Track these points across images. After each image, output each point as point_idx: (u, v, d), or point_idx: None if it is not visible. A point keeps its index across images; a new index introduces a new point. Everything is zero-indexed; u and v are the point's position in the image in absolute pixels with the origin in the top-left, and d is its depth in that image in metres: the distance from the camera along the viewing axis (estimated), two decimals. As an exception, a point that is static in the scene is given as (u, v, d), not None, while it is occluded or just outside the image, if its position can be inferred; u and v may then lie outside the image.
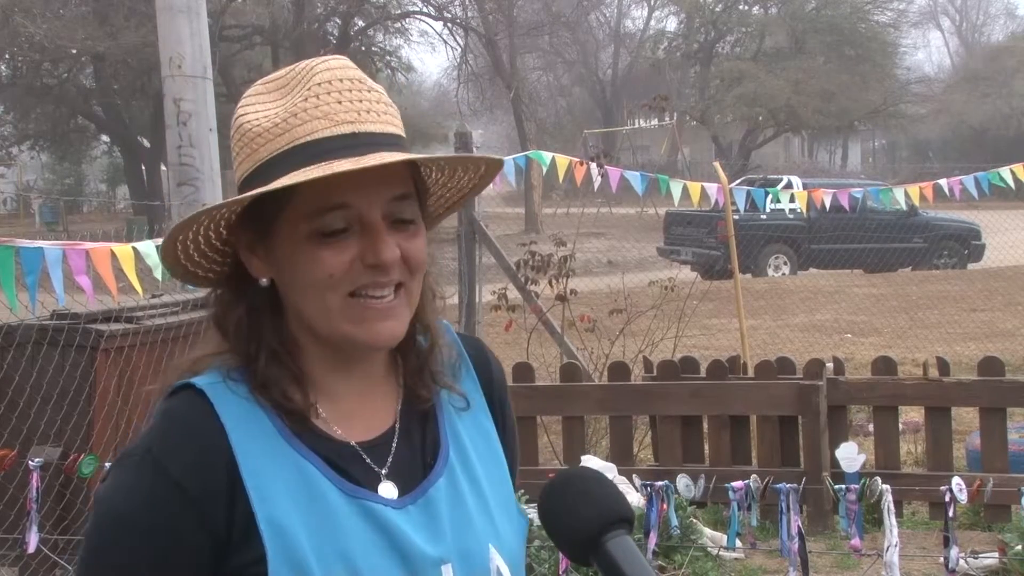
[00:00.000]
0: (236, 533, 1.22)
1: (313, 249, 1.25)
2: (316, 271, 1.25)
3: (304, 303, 1.28)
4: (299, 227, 1.26)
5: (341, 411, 1.32)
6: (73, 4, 27.17)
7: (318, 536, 1.23)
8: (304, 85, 1.27)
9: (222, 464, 1.23)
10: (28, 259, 4.43)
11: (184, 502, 1.21)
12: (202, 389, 1.27)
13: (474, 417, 1.43)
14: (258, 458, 1.24)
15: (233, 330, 1.31)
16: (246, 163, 1.28)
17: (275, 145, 1.26)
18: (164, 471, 1.22)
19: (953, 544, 3.83)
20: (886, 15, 41.94)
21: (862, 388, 6.23)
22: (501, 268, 8.43)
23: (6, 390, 5.16)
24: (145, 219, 20.24)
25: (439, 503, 1.32)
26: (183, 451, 1.23)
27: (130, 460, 1.25)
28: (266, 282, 1.30)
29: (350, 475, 1.28)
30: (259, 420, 1.27)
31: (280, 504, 1.23)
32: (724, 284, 11.60)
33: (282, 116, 1.26)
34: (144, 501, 1.22)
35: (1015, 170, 8.86)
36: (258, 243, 1.30)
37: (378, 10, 30.49)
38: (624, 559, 1.16)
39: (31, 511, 4.33)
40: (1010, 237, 16.92)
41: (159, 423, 1.27)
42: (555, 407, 6.58)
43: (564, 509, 1.21)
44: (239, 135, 1.30)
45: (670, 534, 4.52)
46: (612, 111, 44.61)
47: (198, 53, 6.48)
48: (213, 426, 1.25)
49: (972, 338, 11.94)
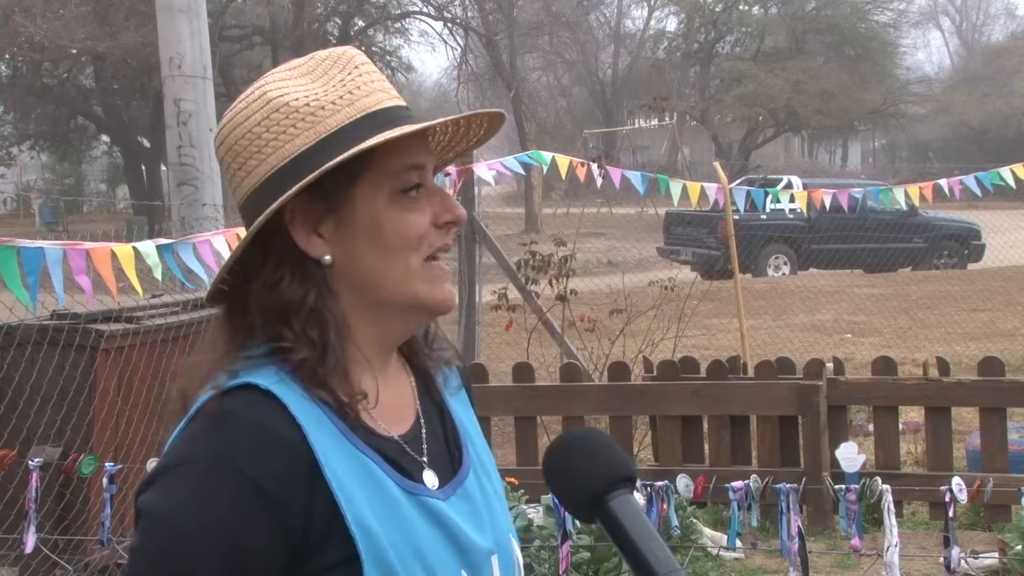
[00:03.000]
0: (313, 534, 1.18)
1: (398, 211, 1.27)
2: (406, 231, 1.27)
3: (385, 268, 1.27)
4: (381, 188, 1.27)
5: (382, 406, 1.31)
6: (73, 4, 27.14)
7: (393, 534, 1.21)
8: (348, 66, 1.30)
9: (304, 467, 1.19)
10: (28, 259, 4.43)
11: (269, 509, 1.16)
12: (268, 389, 1.22)
13: (465, 406, 1.46)
14: (335, 457, 1.21)
15: (305, 317, 1.25)
16: (303, 137, 1.25)
17: (344, 115, 1.26)
18: (244, 475, 1.16)
19: (953, 544, 3.83)
20: (886, 15, 41.97)
21: (862, 388, 6.24)
22: (501, 268, 8.44)
23: (6, 390, 5.16)
24: (145, 219, 20.26)
25: (475, 494, 1.34)
26: (265, 455, 1.18)
27: (195, 466, 1.18)
28: (329, 259, 1.27)
29: (404, 469, 1.28)
30: (322, 420, 1.23)
31: (361, 504, 1.20)
32: (724, 284, 11.60)
33: (341, 91, 1.28)
34: (224, 507, 1.15)
35: (1015, 170, 8.86)
36: (326, 217, 1.27)
37: (378, 10, 30.50)
38: (627, 518, 1.18)
39: (30, 511, 4.33)
40: (1010, 237, 16.92)
41: (223, 425, 1.20)
42: (555, 407, 6.58)
43: (569, 468, 1.21)
44: (282, 113, 1.26)
45: (670, 534, 4.52)
46: (612, 111, 44.64)
47: (198, 53, 6.49)
48: (290, 426, 1.20)
49: (972, 338, 11.94)
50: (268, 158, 1.26)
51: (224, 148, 1.30)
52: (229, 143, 1.29)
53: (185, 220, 6.71)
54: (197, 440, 1.20)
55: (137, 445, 5.29)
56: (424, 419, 1.36)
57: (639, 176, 8.89)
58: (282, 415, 1.21)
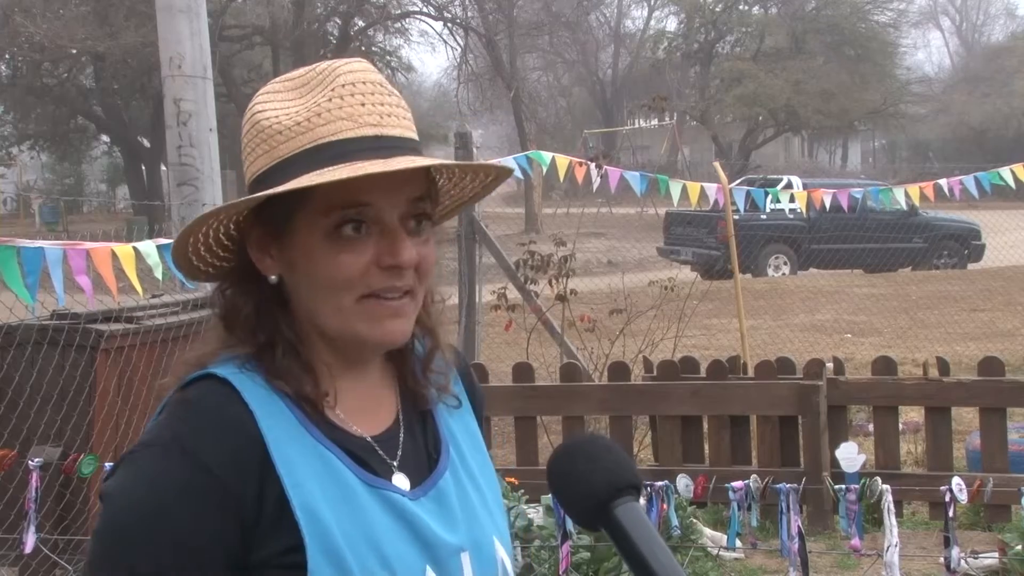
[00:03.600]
0: (264, 520, 1.20)
1: (331, 250, 1.25)
2: (334, 272, 1.26)
3: (316, 302, 1.28)
4: (317, 225, 1.25)
5: (349, 406, 1.32)
6: (73, 4, 27.14)
7: (347, 524, 1.22)
8: (327, 85, 1.28)
9: (254, 450, 1.21)
10: (28, 259, 4.43)
11: (217, 490, 1.19)
12: (224, 377, 1.25)
13: (463, 418, 1.46)
14: (286, 445, 1.23)
15: (243, 324, 1.29)
16: (262, 160, 1.28)
17: (297, 143, 1.25)
18: (195, 458, 1.19)
19: (953, 544, 3.83)
20: (886, 15, 41.96)
21: (862, 388, 6.23)
22: (501, 268, 8.44)
23: (6, 390, 5.16)
24: (145, 219, 20.23)
25: (449, 495, 1.35)
26: (214, 437, 1.21)
27: (150, 450, 1.22)
28: (275, 279, 1.29)
29: (368, 465, 1.29)
30: (280, 409, 1.26)
31: (311, 492, 1.22)
32: (724, 284, 11.60)
33: (304, 115, 1.26)
34: (175, 491, 1.18)
35: (1015, 170, 8.86)
36: (271, 240, 1.29)
37: (378, 10, 30.47)
38: (632, 526, 1.17)
39: (29, 511, 4.33)
40: (1010, 237, 16.92)
41: (182, 411, 1.24)
42: (555, 407, 6.58)
43: (573, 475, 1.20)
44: (255, 131, 1.29)
45: (670, 534, 4.52)
46: (612, 111, 44.64)
47: (198, 53, 6.48)
48: (242, 412, 1.23)
49: (972, 338, 11.94)
50: (247, 171, 1.31)
51: None
52: None
53: (185, 220, 6.70)
54: (156, 427, 1.24)
55: (137, 445, 5.28)
56: (404, 423, 1.37)
57: (639, 176, 8.88)
58: (235, 402, 1.24)
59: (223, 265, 1.35)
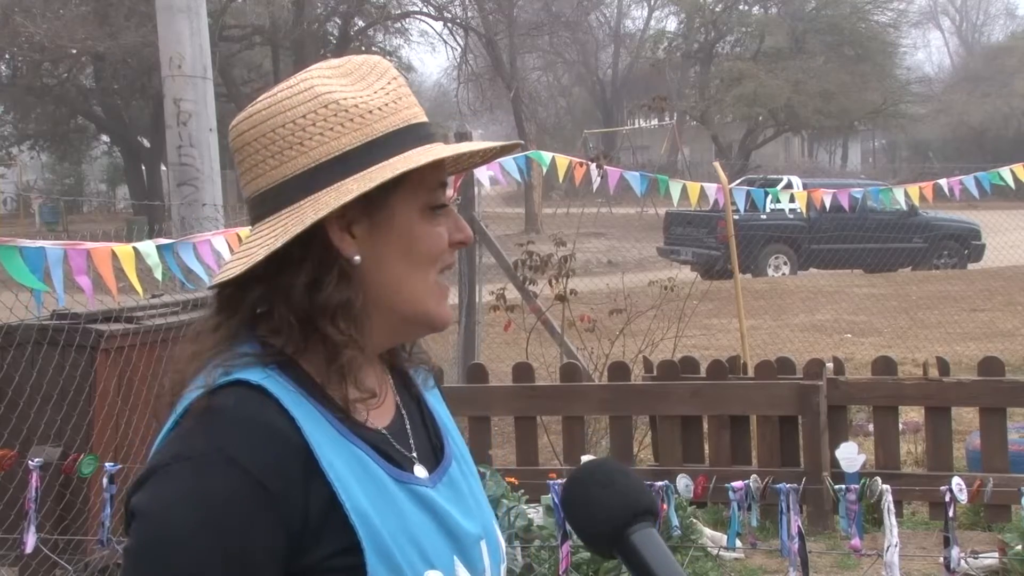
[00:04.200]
0: (311, 525, 1.18)
1: (429, 224, 1.31)
2: (434, 245, 1.31)
3: (408, 278, 1.30)
4: (416, 201, 1.30)
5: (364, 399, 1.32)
6: (73, 4, 27.14)
7: (389, 521, 1.22)
8: (381, 75, 1.33)
9: (299, 458, 1.19)
10: (29, 259, 4.43)
11: (267, 502, 1.16)
12: (259, 383, 1.22)
13: (439, 401, 1.49)
14: (328, 448, 1.22)
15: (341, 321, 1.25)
16: (350, 136, 1.26)
17: (390, 122, 1.29)
18: (243, 470, 1.15)
19: (953, 544, 3.83)
20: (886, 15, 41.96)
21: (862, 388, 6.23)
22: (501, 268, 8.44)
23: (6, 390, 5.16)
24: (145, 219, 20.23)
25: (460, 483, 1.37)
26: (257, 445, 1.17)
27: (189, 463, 1.16)
28: (359, 260, 1.27)
29: (394, 460, 1.29)
30: (312, 410, 1.24)
31: (357, 493, 1.21)
32: (724, 284, 11.59)
33: (387, 99, 1.31)
34: (222, 503, 1.14)
35: (1015, 170, 8.85)
36: (360, 220, 1.27)
37: (378, 10, 30.48)
38: (650, 552, 1.15)
39: (29, 511, 4.33)
40: (1010, 237, 16.91)
41: (218, 420, 1.19)
42: (555, 407, 6.58)
43: (588, 501, 1.19)
44: (331, 109, 1.26)
45: (670, 534, 4.52)
46: (612, 111, 44.65)
47: (198, 53, 6.49)
48: (284, 420, 1.20)
49: (972, 338, 11.94)
50: (311, 151, 1.25)
51: (256, 133, 1.28)
52: (264, 129, 1.27)
53: (185, 220, 6.70)
54: (188, 437, 1.19)
55: (137, 445, 5.29)
56: (406, 412, 1.39)
57: (638, 176, 8.88)
58: (274, 408, 1.21)
59: None
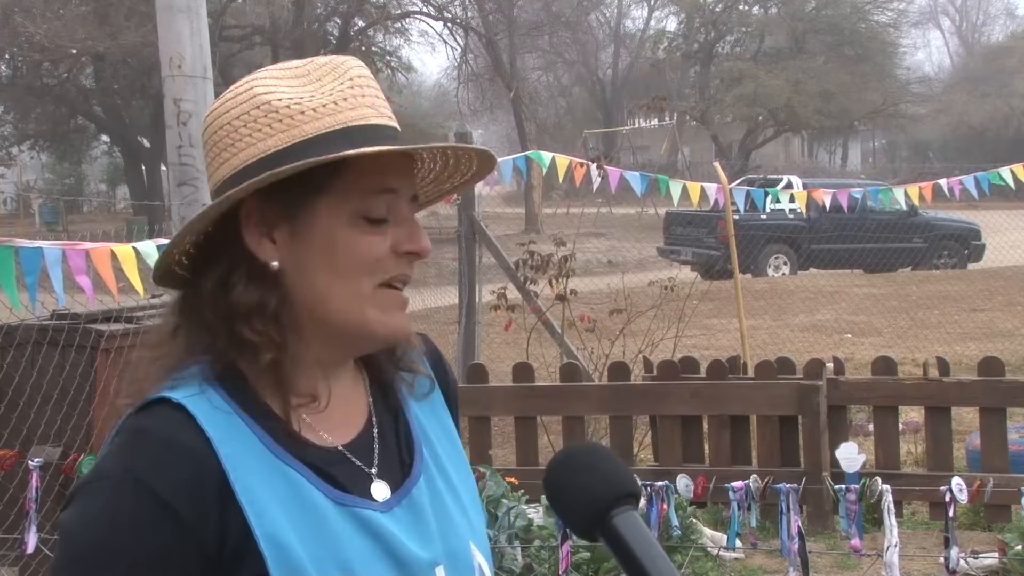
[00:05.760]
0: (227, 552, 1.17)
1: (357, 232, 1.24)
2: (361, 255, 1.24)
3: (329, 289, 1.24)
4: (344, 208, 1.24)
5: (322, 413, 1.28)
6: (73, 4, 27.16)
7: (315, 548, 1.19)
8: (340, 75, 1.27)
9: (213, 481, 1.17)
10: (28, 259, 4.43)
11: (176, 525, 1.15)
12: (180, 402, 1.20)
13: (435, 410, 1.41)
14: (248, 472, 1.18)
15: (260, 317, 1.23)
16: (277, 138, 1.23)
17: (325, 123, 1.23)
18: (152, 492, 1.14)
19: (953, 544, 3.83)
20: (886, 15, 41.96)
21: (862, 388, 6.23)
22: (501, 268, 8.44)
23: (6, 390, 5.16)
24: (145, 219, 20.25)
25: (422, 503, 1.30)
26: (171, 469, 1.16)
27: (104, 483, 1.17)
28: (277, 266, 1.24)
29: (337, 481, 1.24)
30: (241, 431, 1.20)
31: (275, 518, 1.18)
32: (724, 284, 11.60)
33: (327, 99, 1.25)
34: (130, 527, 1.14)
35: (1015, 170, 8.86)
36: (281, 223, 1.24)
37: (378, 10, 30.47)
38: (631, 535, 1.15)
39: (30, 511, 4.33)
40: (1010, 237, 16.92)
41: (136, 441, 1.19)
42: (555, 407, 6.58)
43: (570, 484, 1.18)
44: (262, 110, 1.25)
45: (670, 534, 4.52)
46: (612, 111, 44.63)
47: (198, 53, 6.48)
48: (199, 441, 1.18)
49: (972, 338, 11.94)
50: (241, 152, 1.24)
51: (206, 135, 1.29)
52: (210, 132, 1.28)
53: (185, 220, 6.69)
54: (110, 457, 1.20)
55: (137, 445, 5.28)
56: (376, 426, 1.33)
57: (638, 176, 8.89)
58: (191, 429, 1.19)
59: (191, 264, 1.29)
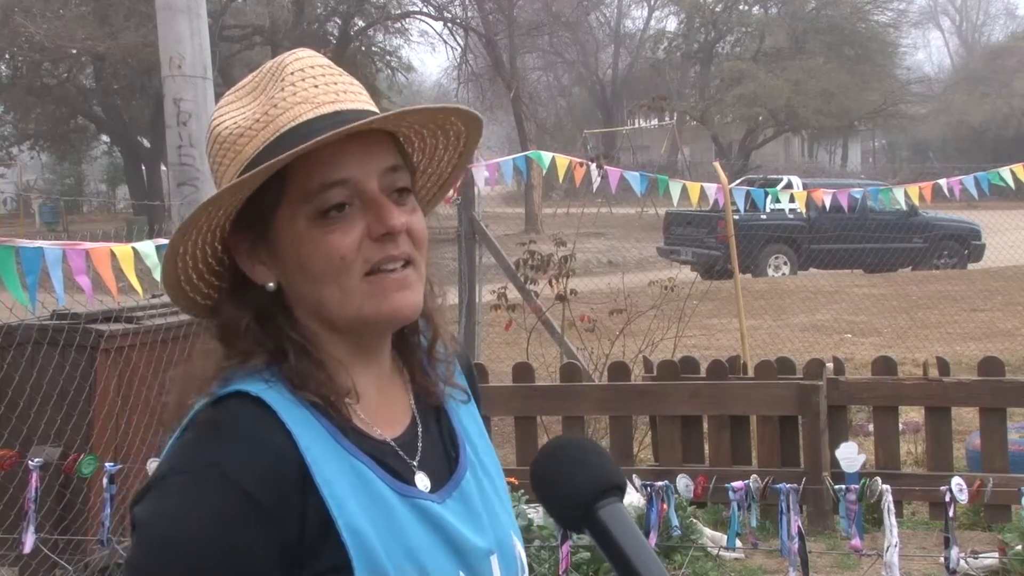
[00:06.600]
0: (307, 542, 1.18)
1: (318, 234, 1.22)
2: (328, 253, 1.22)
3: (320, 293, 1.24)
4: (299, 213, 1.23)
5: (369, 407, 1.30)
6: (73, 4, 27.13)
7: (387, 538, 1.20)
8: (278, 79, 1.26)
9: (294, 472, 1.18)
10: (28, 259, 4.43)
11: (260, 517, 1.15)
12: (257, 395, 1.21)
13: (471, 410, 1.44)
14: (324, 462, 1.20)
15: (245, 335, 1.25)
16: (232, 167, 1.25)
17: (261, 139, 1.23)
18: (236, 484, 1.15)
19: (953, 544, 3.83)
20: (886, 15, 41.99)
21: (862, 388, 6.23)
22: (501, 268, 8.44)
23: (6, 390, 5.16)
24: (145, 219, 20.23)
25: (472, 495, 1.33)
26: (254, 461, 1.17)
27: (186, 477, 1.17)
28: (273, 286, 1.26)
29: (397, 472, 1.26)
30: (312, 424, 1.22)
31: (353, 509, 1.19)
32: (724, 284, 11.60)
33: (261, 111, 1.25)
34: (217, 520, 1.14)
35: (1015, 170, 8.86)
36: (259, 245, 1.26)
37: (378, 10, 30.47)
38: (616, 527, 1.16)
39: (29, 511, 4.33)
40: (1010, 237, 16.93)
41: (215, 434, 1.19)
42: (555, 407, 6.58)
43: (557, 476, 1.19)
44: (217, 145, 1.27)
45: (670, 534, 4.52)
46: (612, 111, 44.63)
47: (198, 53, 6.48)
48: (280, 433, 1.19)
49: (972, 338, 11.94)
50: (220, 186, 1.26)
51: None
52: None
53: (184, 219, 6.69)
54: (188, 450, 1.20)
55: (137, 445, 5.29)
56: (420, 421, 1.35)
57: (638, 176, 8.89)
58: (271, 421, 1.20)
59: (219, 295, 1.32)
